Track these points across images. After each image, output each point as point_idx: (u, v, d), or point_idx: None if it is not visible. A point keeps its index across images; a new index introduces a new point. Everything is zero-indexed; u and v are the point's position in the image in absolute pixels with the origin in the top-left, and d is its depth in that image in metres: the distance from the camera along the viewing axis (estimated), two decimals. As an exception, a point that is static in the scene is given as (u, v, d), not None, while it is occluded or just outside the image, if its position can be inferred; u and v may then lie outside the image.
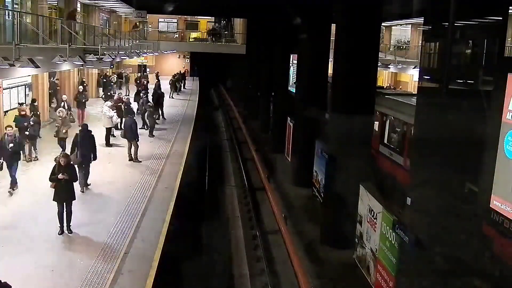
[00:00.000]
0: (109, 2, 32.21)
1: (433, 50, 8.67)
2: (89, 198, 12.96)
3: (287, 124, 20.77)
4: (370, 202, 10.65)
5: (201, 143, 23.82)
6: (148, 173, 15.47)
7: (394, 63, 28.94)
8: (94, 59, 17.54)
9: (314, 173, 16.18)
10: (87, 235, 10.68)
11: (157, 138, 20.69)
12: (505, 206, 6.21)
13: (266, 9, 25.67)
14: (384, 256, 9.69)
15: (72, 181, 10.83)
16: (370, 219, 10.57)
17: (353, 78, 12.02)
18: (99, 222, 11.42)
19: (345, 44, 12.34)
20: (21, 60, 12.01)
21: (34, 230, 10.75)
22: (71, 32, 17.66)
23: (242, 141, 25.79)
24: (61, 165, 10.59)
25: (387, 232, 9.58)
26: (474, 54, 7.94)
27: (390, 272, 9.38)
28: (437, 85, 8.43)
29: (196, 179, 18.08)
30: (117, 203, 12.63)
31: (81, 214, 11.69)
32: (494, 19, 7.52)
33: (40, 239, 10.35)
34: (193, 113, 28.44)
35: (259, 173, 19.14)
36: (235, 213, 15.48)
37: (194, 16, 46.95)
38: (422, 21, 9.93)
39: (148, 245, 10.33)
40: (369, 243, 10.62)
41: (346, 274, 11.13)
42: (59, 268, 9.20)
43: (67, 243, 10.34)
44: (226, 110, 38.49)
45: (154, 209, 12.40)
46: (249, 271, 11.54)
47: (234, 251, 12.69)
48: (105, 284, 8.71)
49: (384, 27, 37.34)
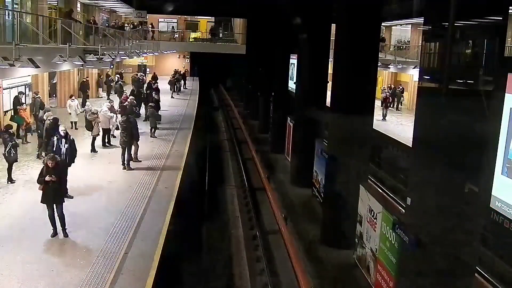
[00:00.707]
0: (109, 2, 32.24)
1: (433, 50, 8.66)
2: (89, 197, 12.96)
3: (287, 124, 20.78)
4: (370, 202, 10.66)
5: (201, 143, 23.84)
6: (148, 173, 15.47)
7: (394, 63, 28.95)
8: (94, 59, 17.53)
9: (314, 173, 16.18)
10: (87, 235, 10.67)
11: (157, 138, 20.69)
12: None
13: (266, 9, 25.72)
14: (384, 256, 9.69)
15: (60, 183, 10.60)
16: (370, 219, 10.57)
17: (353, 78, 12.02)
18: (99, 222, 11.42)
19: (345, 44, 12.34)
20: (21, 60, 12.01)
21: (34, 229, 10.75)
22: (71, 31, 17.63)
23: (242, 141, 25.79)
24: (49, 167, 10.35)
25: (387, 232, 9.59)
26: (474, 54, 7.93)
27: (390, 272, 9.38)
28: (437, 85, 8.42)
29: (196, 179, 18.09)
30: (117, 203, 12.63)
31: (81, 213, 11.70)
32: (494, 19, 7.51)
33: (39, 239, 10.34)
34: (193, 113, 28.44)
35: (259, 173, 19.15)
36: (235, 213, 15.48)
37: (194, 16, 46.98)
38: (422, 21, 9.91)
39: (148, 245, 10.32)
40: (369, 243, 10.62)
41: (346, 274, 11.13)
42: (59, 268, 9.20)
43: (67, 243, 10.32)
44: (226, 110, 38.49)
45: (154, 209, 12.40)
46: (249, 271, 11.54)
47: (234, 251, 12.70)
48: (105, 284, 8.71)
49: (384, 27, 37.33)
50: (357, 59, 11.94)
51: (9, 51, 11.99)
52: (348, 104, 12.18)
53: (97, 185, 13.97)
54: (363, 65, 12.06)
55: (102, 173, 15.04)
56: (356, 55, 11.92)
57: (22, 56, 12.11)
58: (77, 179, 13.91)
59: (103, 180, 14.39)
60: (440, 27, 8.14)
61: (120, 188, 13.87)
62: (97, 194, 13.33)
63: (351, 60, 12.12)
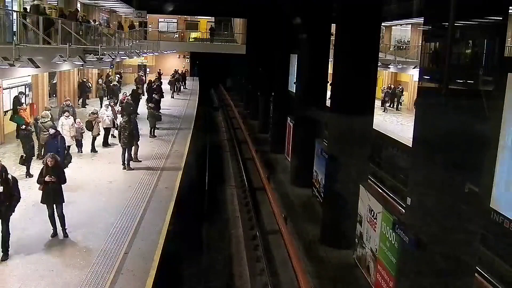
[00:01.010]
0: (109, 2, 32.23)
1: (433, 50, 8.66)
2: (89, 197, 12.95)
3: (287, 124, 20.78)
4: (370, 202, 10.66)
5: (201, 143, 23.84)
6: (148, 173, 15.47)
7: (394, 63, 28.96)
8: (94, 59, 17.53)
9: (314, 173, 16.18)
10: (87, 235, 10.67)
11: (157, 138, 20.68)
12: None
13: (266, 9, 25.72)
14: (384, 256, 9.69)
15: (60, 183, 10.57)
16: (370, 219, 10.57)
17: (353, 78, 12.02)
18: (99, 221, 11.42)
19: (345, 44, 12.34)
20: (21, 60, 12.00)
21: (34, 229, 10.75)
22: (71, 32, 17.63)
23: (242, 141, 25.79)
24: (49, 167, 10.33)
25: (387, 232, 9.59)
26: (474, 54, 7.93)
27: (390, 272, 9.38)
28: (437, 85, 8.42)
29: (196, 179, 18.09)
30: (117, 203, 12.63)
31: (81, 213, 11.69)
32: (494, 19, 7.51)
33: (39, 239, 10.34)
34: (193, 113, 28.44)
35: (259, 173, 19.15)
36: (235, 213, 15.48)
37: (194, 16, 46.99)
38: (422, 21, 9.91)
39: (148, 245, 10.31)
40: (369, 243, 10.62)
41: (346, 274, 11.13)
42: (59, 268, 9.20)
43: (66, 243, 10.32)
44: (226, 110, 38.49)
45: (154, 209, 12.39)
46: (249, 271, 11.55)
47: (234, 251, 12.70)
48: (105, 284, 8.71)
49: (384, 27, 37.33)
50: (357, 59, 11.94)
51: (9, 51, 11.99)
52: (348, 104, 12.18)
53: (97, 185, 13.96)
54: (363, 65, 12.06)
55: (102, 173, 15.04)
56: (356, 55, 11.92)
57: (22, 56, 12.11)
58: (77, 179, 13.93)
59: (103, 180, 14.38)
60: (440, 27, 8.14)
61: (120, 188, 13.87)
62: (97, 194, 13.31)
63: (351, 60, 12.12)
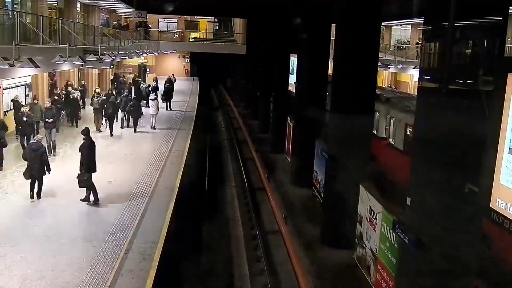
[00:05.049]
0: (109, 2, 32.22)
1: (433, 50, 8.66)
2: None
3: (287, 124, 20.77)
4: (370, 202, 10.66)
5: (201, 143, 23.84)
6: (148, 173, 15.47)
7: (394, 63, 28.95)
8: (94, 59, 17.54)
9: (314, 173, 16.18)
10: (87, 235, 10.68)
11: (157, 138, 20.69)
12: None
13: (266, 9, 25.70)
14: (384, 256, 9.69)
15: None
16: (370, 219, 10.57)
17: (353, 78, 12.02)
18: (99, 221, 11.42)
19: (345, 44, 12.34)
20: (21, 60, 12.01)
21: (34, 229, 10.75)
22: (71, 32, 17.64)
23: (242, 141, 25.79)
24: None
25: (387, 232, 9.59)
26: (474, 54, 7.93)
27: (390, 272, 9.38)
28: (437, 85, 8.42)
29: (196, 179, 18.09)
30: (117, 203, 12.63)
31: (81, 213, 11.69)
32: (494, 19, 7.51)
33: (39, 239, 10.34)
34: (193, 113, 28.44)
35: (259, 173, 19.15)
36: (235, 213, 15.48)
37: (194, 16, 46.97)
38: (422, 21, 9.91)
39: (148, 245, 10.32)
40: (369, 243, 10.62)
41: (346, 274, 11.13)
42: (58, 268, 9.20)
43: (66, 243, 10.32)
44: (226, 110, 38.49)
45: (154, 209, 12.40)
46: (249, 271, 11.55)
47: (234, 251, 12.70)
48: (105, 284, 8.71)
49: (384, 27, 37.32)
50: (357, 59, 11.94)
51: (9, 51, 11.99)
52: (348, 104, 12.18)
53: (97, 184, 13.93)
54: (363, 65, 12.06)
55: (102, 173, 15.00)
56: (356, 55, 11.91)
57: (22, 56, 12.12)
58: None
59: (103, 180, 14.37)
60: (440, 27, 8.15)
61: (120, 188, 13.87)
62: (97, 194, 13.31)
63: (351, 60, 12.11)
